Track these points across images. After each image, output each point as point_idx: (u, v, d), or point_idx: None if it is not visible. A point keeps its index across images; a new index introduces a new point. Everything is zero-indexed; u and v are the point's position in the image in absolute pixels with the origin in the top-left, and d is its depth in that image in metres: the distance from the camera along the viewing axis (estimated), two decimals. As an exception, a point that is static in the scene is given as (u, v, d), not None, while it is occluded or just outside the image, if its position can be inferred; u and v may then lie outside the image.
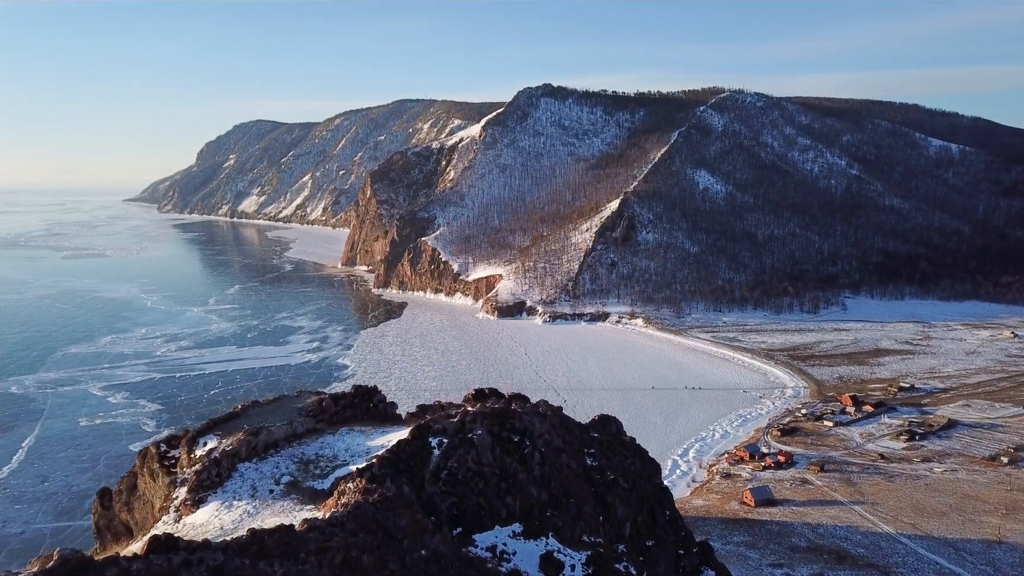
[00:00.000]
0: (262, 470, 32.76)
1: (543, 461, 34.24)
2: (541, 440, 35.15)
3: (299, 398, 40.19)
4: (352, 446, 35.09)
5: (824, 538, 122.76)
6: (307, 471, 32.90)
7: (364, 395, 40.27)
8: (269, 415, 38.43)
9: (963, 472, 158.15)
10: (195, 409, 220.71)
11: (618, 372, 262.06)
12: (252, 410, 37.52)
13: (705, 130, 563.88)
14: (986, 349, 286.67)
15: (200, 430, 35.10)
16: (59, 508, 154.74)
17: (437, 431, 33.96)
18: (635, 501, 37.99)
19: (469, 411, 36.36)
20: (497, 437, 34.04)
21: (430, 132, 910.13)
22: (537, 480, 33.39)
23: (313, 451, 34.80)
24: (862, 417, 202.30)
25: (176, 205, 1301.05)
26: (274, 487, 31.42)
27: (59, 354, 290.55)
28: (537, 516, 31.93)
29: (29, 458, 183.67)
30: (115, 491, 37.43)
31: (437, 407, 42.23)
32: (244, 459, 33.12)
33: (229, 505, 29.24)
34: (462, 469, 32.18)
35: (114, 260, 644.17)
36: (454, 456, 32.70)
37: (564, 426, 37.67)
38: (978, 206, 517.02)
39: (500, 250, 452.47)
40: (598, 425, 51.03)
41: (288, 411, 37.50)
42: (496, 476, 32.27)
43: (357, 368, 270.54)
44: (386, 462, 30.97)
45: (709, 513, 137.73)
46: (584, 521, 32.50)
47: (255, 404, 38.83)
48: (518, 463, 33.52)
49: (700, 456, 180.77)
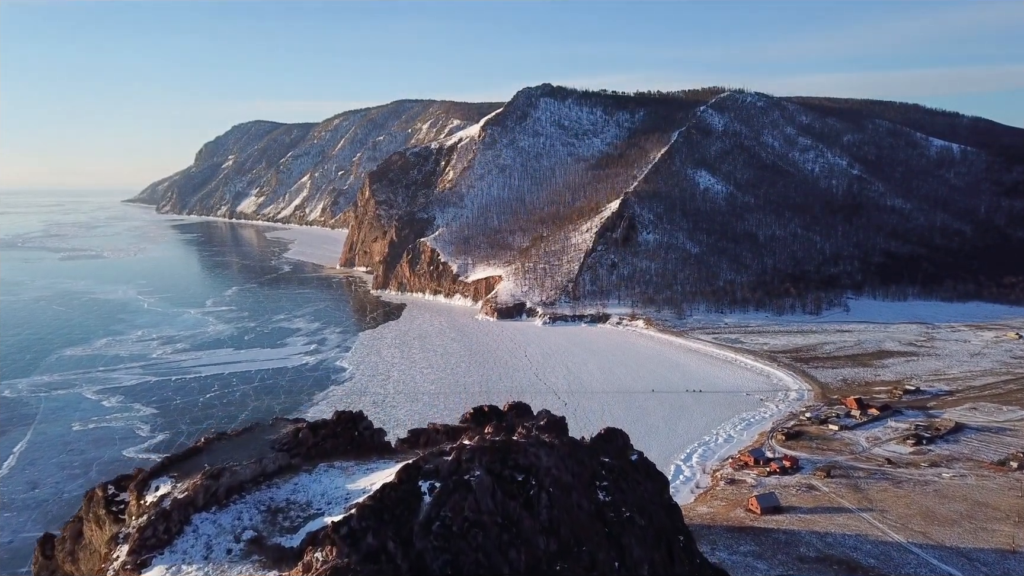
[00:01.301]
0: (221, 522, 28.40)
1: (551, 503, 30.09)
2: (548, 478, 30.76)
3: (273, 427, 35.88)
4: (329, 489, 30.41)
5: (833, 547, 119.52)
6: (274, 523, 28.61)
7: (347, 422, 36.23)
8: (237, 450, 34.11)
9: (972, 477, 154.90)
10: (190, 413, 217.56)
11: (619, 374, 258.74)
12: (217, 444, 33.55)
13: (705, 130, 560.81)
14: (991, 351, 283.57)
15: (153, 471, 31.10)
16: (49, 516, 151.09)
17: (428, 472, 29.19)
18: (651, 538, 34.41)
19: (466, 446, 31.46)
20: (498, 477, 29.72)
21: (429, 132, 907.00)
22: (545, 526, 29.31)
23: (284, 496, 30.32)
24: (867, 421, 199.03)
25: (175, 206, 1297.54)
26: (233, 545, 27.25)
27: (54, 357, 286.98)
28: (545, 571, 27.84)
29: (20, 464, 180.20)
30: (58, 538, 33.77)
31: (431, 432, 38.25)
32: (201, 508, 28.86)
33: (176, 571, 25.43)
34: (457, 519, 27.98)
35: (111, 261, 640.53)
36: (448, 503, 28.49)
37: (573, 456, 33.26)
38: (980, 206, 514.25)
39: (499, 251, 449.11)
40: (604, 440, 47.77)
41: (259, 444, 33.31)
42: (497, 526, 27.94)
43: (355, 371, 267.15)
44: (367, 512, 26.53)
45: (714, 521, 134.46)
46: (598, 571, 28.68)
47: (221, 437, 34.91)
48: (523, 508, 29.34)
49: (704, 461, 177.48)
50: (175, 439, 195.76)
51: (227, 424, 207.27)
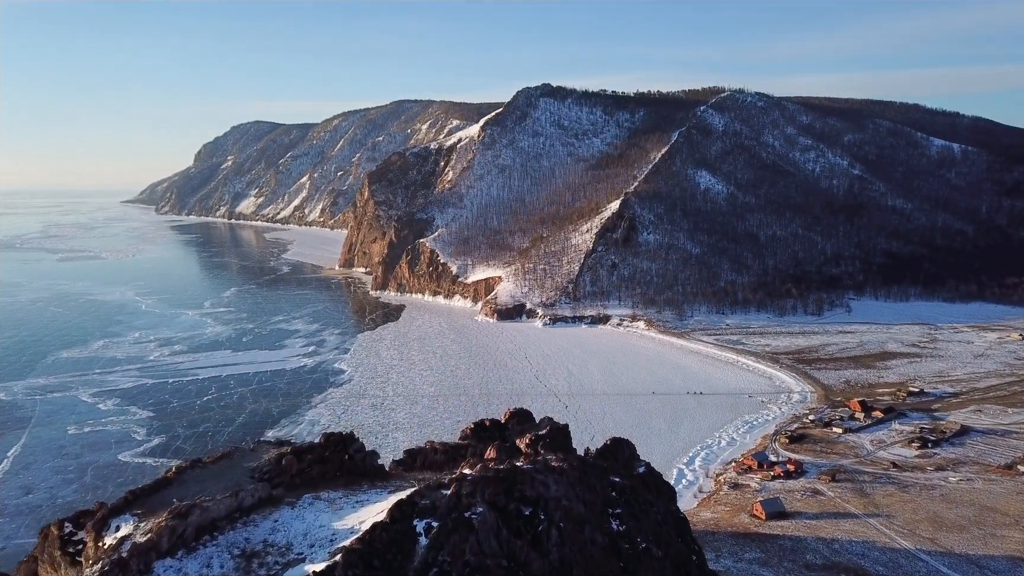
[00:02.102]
0: (187, 571, 24.72)
1: (562, 539, 26.70)
2: (559, 511, 27.25)
3: (254, 453, 32.04)
4: (313, 528, 26.85)
5: (840, 555, 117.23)
6: (249, 570, 24.82)
7: (337, 445, 32.77)
8: (211, 480, 29.97)
9: (979, 482, 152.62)
10: (187, 416, 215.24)
11: (620, 376, 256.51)
12: (190, 474, 29.71)
13: (706, 130, 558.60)
14: (994, 352, 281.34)
15: (115, 507, 27.42)
16: (42, 522, 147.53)
17: (424, 509, 25.40)
18: (670, 570, 31.82)
19: (466, 476, 27.78)
20: (503, 512, 26.18)
21: (428, 133, 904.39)
22: (555, 567, 25.79)
23: (262, 535, 26.54)
24: (872, 423, 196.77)
25: (174, 207, 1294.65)
26: None
27: (50, 359, 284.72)
28: (557, 620, 24.00)
29: (14, 468, 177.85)
30: (11, 580, 30.93)
31: (429, 451, 35.43)
32: (165, 553, 25.11)
33: (131, 635, 22.61)
34: (457, 563, 24.39)
35: (110, 262, 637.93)
36: (447, 545, 24.94)
37: (583, 481, 30.14)
38: (981, 206, 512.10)
39: (499, 252, 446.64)
40: (611, 453, 45.48)
41: (237, 473, 30.02)
42: (503, 569, 24.28)
43: (354, 373, 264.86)
44: (355, 558, 23.31)
45: (718, 527, 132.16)
46: (615, 615, 26.22)
47: (195, 464, 31.28)
48: (531, 547, 25.87)
49: (707, 465, 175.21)
50: (171, 443, 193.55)
51: (223, 427, 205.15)
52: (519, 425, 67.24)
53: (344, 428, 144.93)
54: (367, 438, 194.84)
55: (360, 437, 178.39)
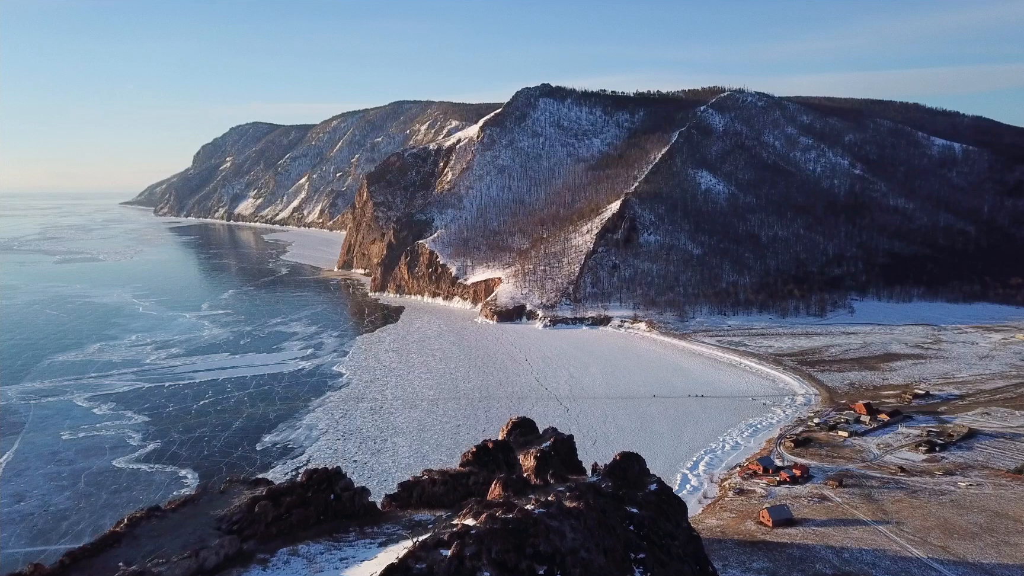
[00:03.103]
0: None
1: None
2: (577, 567, 23.56)
3: (223, 496, 27.91)
4: None
5: (850, 564, 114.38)
6: None
7: (321, 484, 28.22)
8: (171, 533, 25.43)
9: (989, 486, 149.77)
10: (183, 421, 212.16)
11: (622, 379, 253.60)
12: (145, 526, 24.96)
13: (706, 130, 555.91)
14: (999, 353, 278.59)
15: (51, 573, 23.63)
16: (34, 530, 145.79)
17: (420, 574, 21.56)
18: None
19: (469, 530, 23.91)
20: (514, 572, 22.54)
21: (427, 133, 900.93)
22: None
23: None
24: (878, 426, 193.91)
25: (172, 208, 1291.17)
26: None
27: (45, 363, 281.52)
28: None
29: (6, 475, 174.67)
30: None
31: (427, 483, 31.95)
32: None
33: None
34: None
35: (107, 264, 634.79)
36: None
37: (603, 524, 26.63)
38: (983, 206, 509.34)
39: (499, 253, 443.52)
40: (620, 470, 42.56)
41: (201, 523, 25.60)
42: None
43: (352, 376, 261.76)
44: None
45: (724, 535, 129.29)
46: None
47: (152, 514, 26.13)
48: None
49: (711, 470, 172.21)
50: (167, 448, 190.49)
51: (220, 432, 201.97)
52: (522, 436, 64.31)
53: (331, 462, 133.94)
54: (365, 442, 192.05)
55: (359, 441, 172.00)
